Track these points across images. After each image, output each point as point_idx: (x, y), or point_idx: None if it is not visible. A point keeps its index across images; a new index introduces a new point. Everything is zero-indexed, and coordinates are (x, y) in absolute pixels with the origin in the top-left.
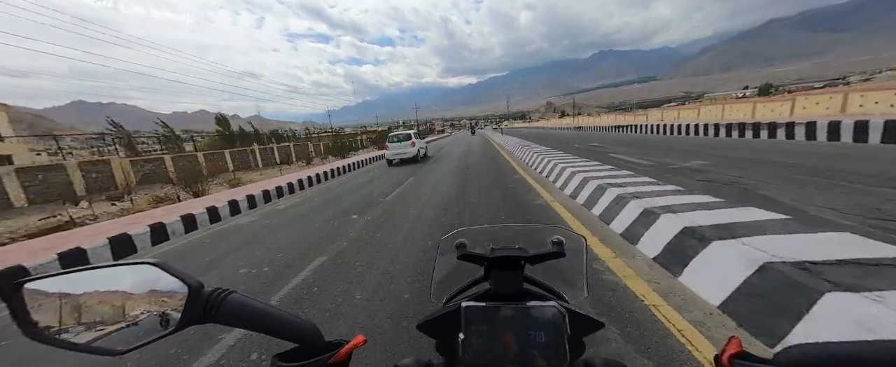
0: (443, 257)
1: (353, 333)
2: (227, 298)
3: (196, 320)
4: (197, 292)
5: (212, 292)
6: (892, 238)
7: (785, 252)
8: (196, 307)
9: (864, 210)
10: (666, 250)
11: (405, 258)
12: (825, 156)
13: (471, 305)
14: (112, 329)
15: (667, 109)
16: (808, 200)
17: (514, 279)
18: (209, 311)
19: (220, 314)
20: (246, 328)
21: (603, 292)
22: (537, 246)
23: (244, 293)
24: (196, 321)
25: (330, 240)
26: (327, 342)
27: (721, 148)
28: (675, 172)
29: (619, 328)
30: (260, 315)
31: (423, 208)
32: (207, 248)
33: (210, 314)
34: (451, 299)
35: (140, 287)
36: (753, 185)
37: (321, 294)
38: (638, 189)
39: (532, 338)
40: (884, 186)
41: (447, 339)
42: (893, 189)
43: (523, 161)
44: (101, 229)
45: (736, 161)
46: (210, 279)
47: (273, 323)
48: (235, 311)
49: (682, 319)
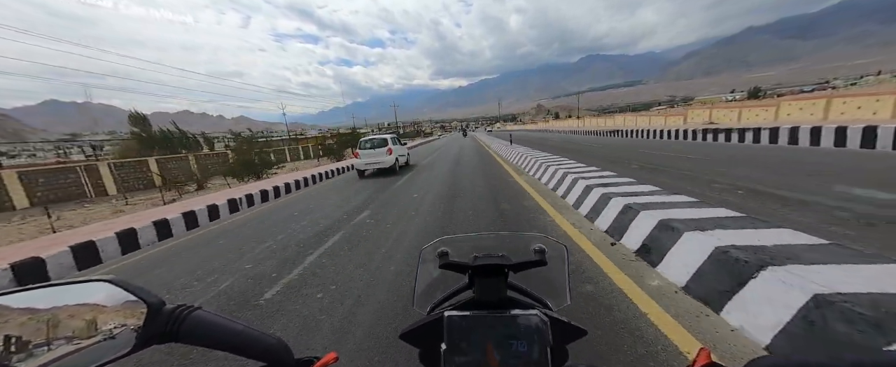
0: (425, 265)
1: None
2: (191, 315)
3: (156, 339)
4: (157, 309)
5: (174, 310)
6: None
7: (651, 205)
8: (155, 325)
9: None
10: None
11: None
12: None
13: (453, 314)
14: (63, 353)
15: (670, 115)
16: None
17: (497, 287)
18: (170, 329)
19: (182, 332)
20: (211, 348)
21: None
22: (520, 254)
23: (210, 310)
24: (156, 341)
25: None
26: (297, 360)
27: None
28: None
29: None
30: (226, 333)
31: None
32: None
33: (171, 332)
34: (434, 308)
35: (95, 306)
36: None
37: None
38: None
39: (515, 347)
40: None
41: (430, 349)
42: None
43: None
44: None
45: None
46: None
47: (240, 341)
48: (200, 329)
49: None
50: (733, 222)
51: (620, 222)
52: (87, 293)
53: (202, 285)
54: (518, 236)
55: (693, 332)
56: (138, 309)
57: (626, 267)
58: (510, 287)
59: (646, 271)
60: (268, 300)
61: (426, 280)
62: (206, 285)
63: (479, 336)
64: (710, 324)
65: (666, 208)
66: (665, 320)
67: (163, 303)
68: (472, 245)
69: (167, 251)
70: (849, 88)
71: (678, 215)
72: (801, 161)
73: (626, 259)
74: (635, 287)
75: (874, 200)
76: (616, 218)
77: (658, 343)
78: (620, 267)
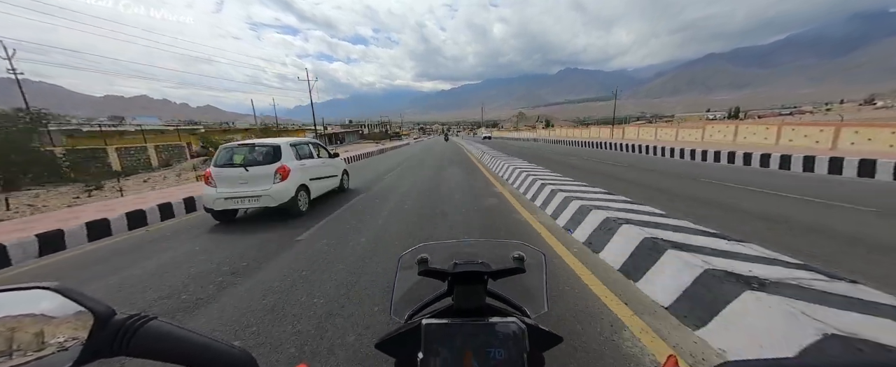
0: (404, 271)
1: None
2: (145, 326)
3: (104, 352)
4: (104, 320)
5: (125, 320)
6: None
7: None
8: (103, 337)
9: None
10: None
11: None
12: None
13: (431, 322)
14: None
15: (644, 126)
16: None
17: (476, 295)
18: (120, 342)
19: (133, 344)
20: (166, 361)
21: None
22: (499, 261)
23: (168, 321)
24: (104, 354)
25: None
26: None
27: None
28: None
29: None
30: (185, 346)
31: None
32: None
33: (122, 345)
34: (412, 316)
35: (35, 316)
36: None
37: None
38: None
39: (492, 355)
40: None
41: (408, 358)
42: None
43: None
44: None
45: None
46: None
47: (198, 353)
48: (153, 341)
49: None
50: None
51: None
52: (26, 302)
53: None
54: (497, 244)
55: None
56: (84, 319)
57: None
58: (489, 294)
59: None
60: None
61: (404, 287)
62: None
63: (458, 344)
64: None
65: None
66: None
67: (113, 313)
68: (451, 252)
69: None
70: (825, 114)
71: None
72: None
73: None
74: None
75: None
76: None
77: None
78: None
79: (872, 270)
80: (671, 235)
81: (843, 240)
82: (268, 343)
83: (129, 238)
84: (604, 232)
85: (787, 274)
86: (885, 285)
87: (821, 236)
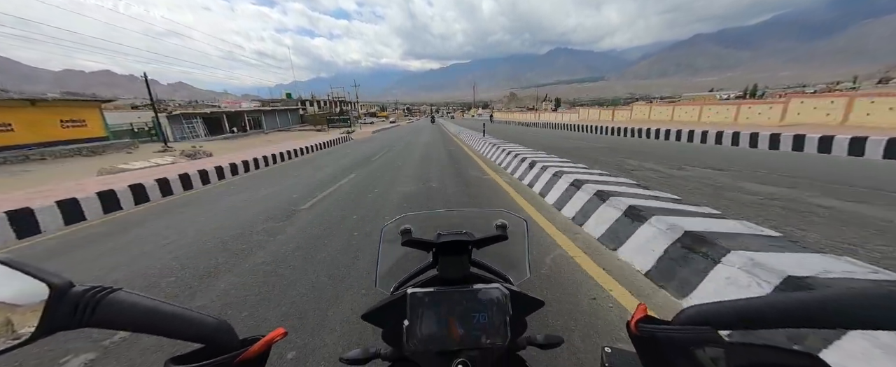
0: (388, 244)
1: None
2: (108, 297)
3: (62, 325)
4: (61, 292)
5: (85, 292)
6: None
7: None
8: (60, 310)
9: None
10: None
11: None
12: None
13: (416, 292)
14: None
15: (656, 105)
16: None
17: (461, 264)
18: (82, 314)
19: (97, 317)
20: (135, 331)
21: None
22: (483, 230)
23: (133, 291)
24: (63, 327)
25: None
26: (242, 340)
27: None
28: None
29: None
30: (153, 316)
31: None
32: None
33: (83, 317)
34: (398, 288)
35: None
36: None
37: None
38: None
39: (476, 320)
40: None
41: (394, 327)
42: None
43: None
44: None
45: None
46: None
47: (168, 323)
48: (119, 312)
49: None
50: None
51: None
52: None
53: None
54: (480, 213)
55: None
56: (40, 294)
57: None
58: (473, 263)
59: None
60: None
61: (389, 259)
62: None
63: (442, 311)
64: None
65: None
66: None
67: (70, 285)
68: (434, 223)
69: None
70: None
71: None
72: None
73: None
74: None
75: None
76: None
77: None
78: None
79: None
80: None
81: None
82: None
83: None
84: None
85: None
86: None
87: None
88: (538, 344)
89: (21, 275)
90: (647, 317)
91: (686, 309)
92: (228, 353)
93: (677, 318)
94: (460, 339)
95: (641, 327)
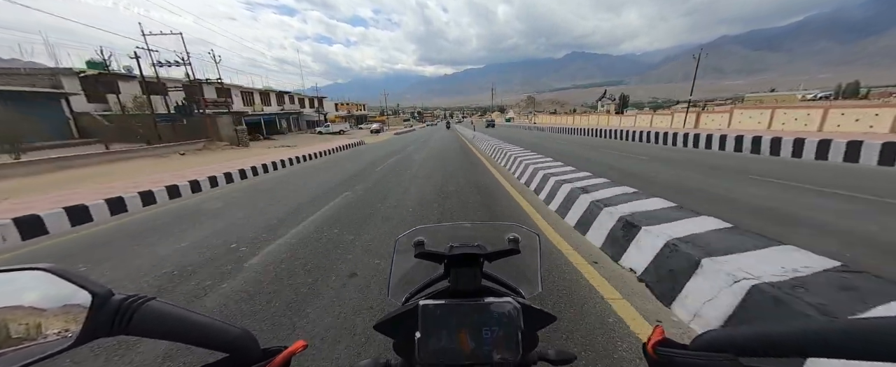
0: (401, 255)
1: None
2: (143, 306)
3: (102, 332)
4: (103, 300)
5: (123, 300)
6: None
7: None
8: (101, 317)
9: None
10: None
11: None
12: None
13: (428, 303)
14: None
15: (738, 109)
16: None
17: (472, 277)
18: (120, 322)
19: (133, 325)
20: (166, 339)
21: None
22: (495, 243)
23: (165, 300)
24: (102, 334)
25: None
26: (264, 350)
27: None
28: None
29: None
30: (183, 325)
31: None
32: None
33: (121, 325)
34: (410, 299)
35: (31, 297)
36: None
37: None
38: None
39: (487, 334)
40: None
41: (405, 338)
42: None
43: None
44: None
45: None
46: None
47: (197, 332)
48: (153, 321)
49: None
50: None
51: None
52: (21, 284)
53: None
54: (492, 226)
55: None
56: (82, 300)
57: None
58: (485, 276)
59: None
60: None
61: (402, 270)
62: None
63: (454, 324)
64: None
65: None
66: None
67: (111, 293)
68: (447, 235)
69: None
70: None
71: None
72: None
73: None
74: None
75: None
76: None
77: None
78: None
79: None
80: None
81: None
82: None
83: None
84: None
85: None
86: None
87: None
88: (550, 360)
89: (65, 282)
90: (664, 340)
91: (704, 333)
92: (253, 363)
93: (695, 342)
94: (471, 352)
95: (659, 351)
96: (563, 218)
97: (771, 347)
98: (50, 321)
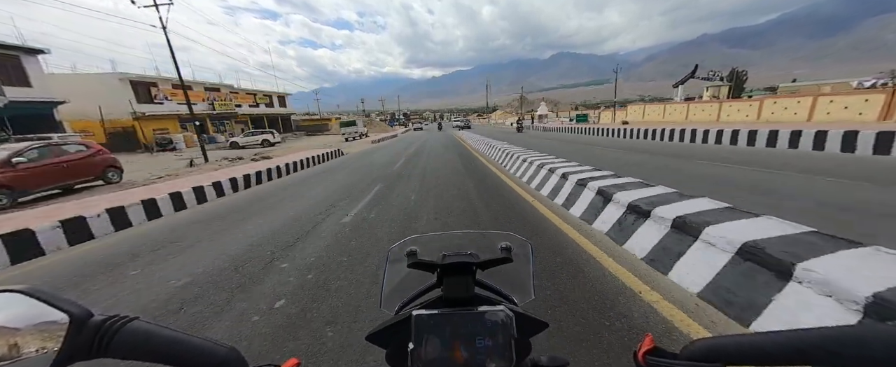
0: (393, 265)
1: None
2: (126, 327)
3: (81, 356)
4: (80, 322)
5: (104, 321)
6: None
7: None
8: (80, 340)
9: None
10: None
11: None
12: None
13: (421, 313)
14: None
15: (768, 99)
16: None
17: (465, 285)
18: (99, 344)
19: (113, 347)
20: (150, 361)
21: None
22: (488, 251)
23: (149, 320)
24: (81, 358)
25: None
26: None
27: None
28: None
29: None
30: (167, 345)
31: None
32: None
33: (100, 347)
34: (402, 308)
35: (5, 321)
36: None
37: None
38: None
39: (481, 343)
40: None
41: (398, 349)
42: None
43: None
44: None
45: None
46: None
47: (183, 352)
48: (135, 342)
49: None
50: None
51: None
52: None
53: None
54: (485, 234)
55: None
56: (60, 323)
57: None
58: (477, 284)
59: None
60: None
61: (394, 280)
62: None
63: (447, 334)
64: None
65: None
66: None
67: (90, 314)
68: (439, 244)
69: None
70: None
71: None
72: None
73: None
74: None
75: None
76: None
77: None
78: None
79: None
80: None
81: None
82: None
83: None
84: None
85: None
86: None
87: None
88: (542, 366)
89: (41, 305)
90: (654, 349)
91: (694, 342)
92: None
93: (685, 351)
94: (465, 362)
95: (649, 359)
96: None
97: (762, 355)
98: (25, 346)
